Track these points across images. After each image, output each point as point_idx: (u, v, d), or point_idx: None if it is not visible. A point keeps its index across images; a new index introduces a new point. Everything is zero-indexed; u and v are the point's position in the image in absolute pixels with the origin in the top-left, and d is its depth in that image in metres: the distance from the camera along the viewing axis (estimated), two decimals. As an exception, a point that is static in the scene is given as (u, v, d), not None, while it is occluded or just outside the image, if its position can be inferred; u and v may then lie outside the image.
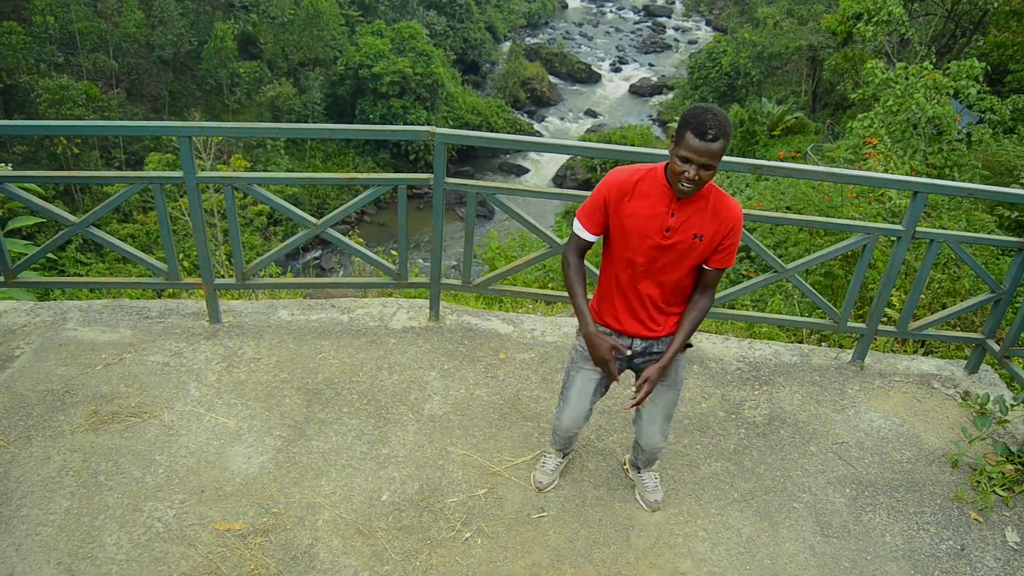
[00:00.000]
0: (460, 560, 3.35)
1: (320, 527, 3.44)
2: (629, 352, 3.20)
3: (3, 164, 5.29)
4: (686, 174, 2.72)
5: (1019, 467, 4.04)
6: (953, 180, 8.67)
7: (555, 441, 3.67)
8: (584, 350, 3.26)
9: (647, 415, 3.35)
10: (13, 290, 4.92)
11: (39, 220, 5.38)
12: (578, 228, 3.07)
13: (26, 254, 4.60)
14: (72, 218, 4.36)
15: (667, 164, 2.86)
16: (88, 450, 3.73)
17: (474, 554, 3.39)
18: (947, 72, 11.57)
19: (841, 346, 5.54)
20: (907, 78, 11.52)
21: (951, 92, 11.36)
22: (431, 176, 4.40)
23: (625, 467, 3.87)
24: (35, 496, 3.47)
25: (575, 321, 3.38)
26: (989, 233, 7.44)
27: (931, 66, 11.79)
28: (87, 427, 3.86)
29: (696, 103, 2.80)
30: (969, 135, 11.58)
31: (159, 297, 6.74)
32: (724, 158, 4.36)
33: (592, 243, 3.11)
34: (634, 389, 3.07)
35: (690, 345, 3.27)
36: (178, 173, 4.27)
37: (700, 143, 2.66)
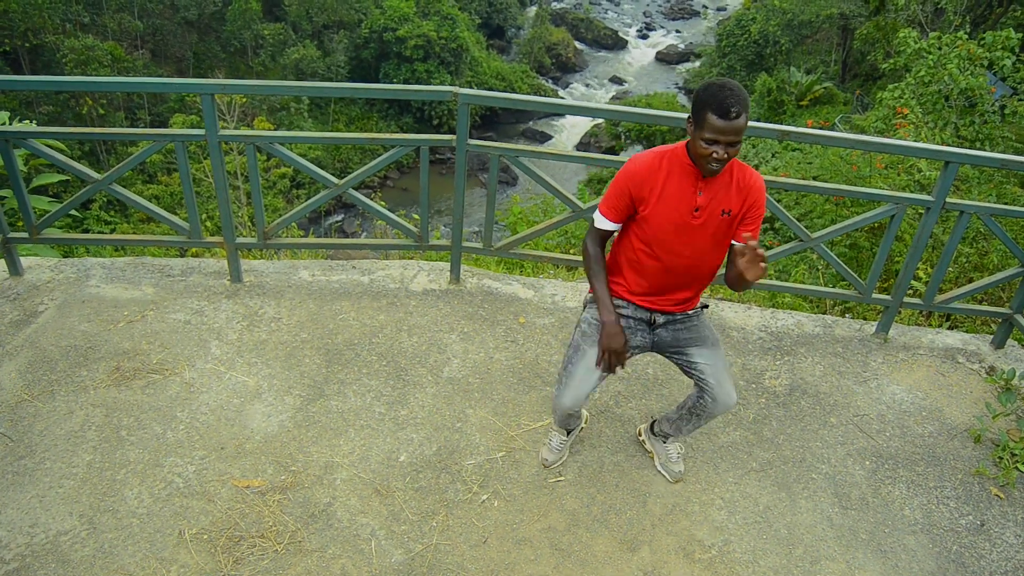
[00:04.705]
0: (476, 522, 3.37)
1: (338, 486, 3.47)
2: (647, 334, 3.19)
3: (28, 122, 5.32)
4: (715, 155, 2.68)
5: (1043, 443, 3.99)
6: (985, 153, 8.51)
7: (555, 419, 3.51)
8: (598, 322, 3.18)
9: (714, 378, 3.16)
10: (38, 247, 4.96)
11: (63, 178, 5.41)
12: (601, 221, 3.03)
13: (50, 211, 4.63)
14: (95, 175, 4.37)
15: (687, 143, 2.81)
16: (110, 405, 3.77)
17: (491, 516, 3.40)
18: (982, 42, 11.27)
19: (865, 318, 5.48)
20: (940, 48, 11.24)
21: (985, 63, 11.09)
22: (454, 138, 4.37)
23: (641, 438, 3.81)
24: (58, 449, 3.52)
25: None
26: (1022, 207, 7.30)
27: (966, 36, 11.48)
28: (109, 383, 3.90)
29: (709, 80, 2.73)
30: (1003, 107, 11.33)
31: (182, 256, 6.78)
32: (752, 124, 4.31)
33: (613, 232, 3.08)
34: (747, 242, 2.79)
35: (705, 306, 3.24)
36: (200, 131, 4.26)
37: (725, 123, 2.61)
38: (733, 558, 3.33)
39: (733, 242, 2.95)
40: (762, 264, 2.73)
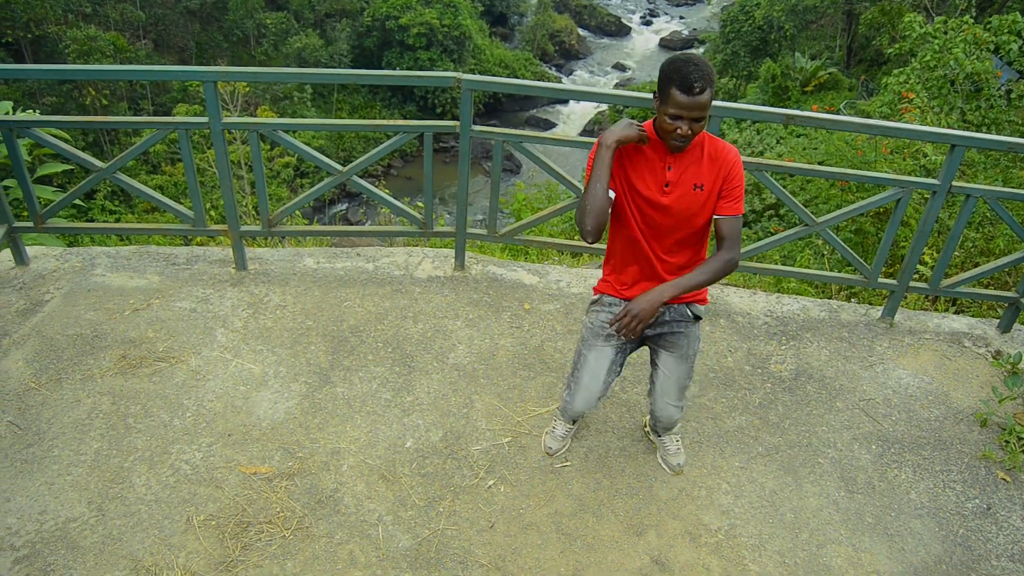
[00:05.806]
0: (483, 507, 3.38)
1: (345, 472, 3.48)
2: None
3: (32, 111, 5.32)
4: (678, 131, 2.66)
5: (1050, 427, 3.99)
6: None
7: (564, 415, 3.56)
8: (595, 327, 3.19)
9: (660, 388, 3.26)
10: (43, 236, 4.97)
11: (68, 168, 5.41)
12: None
13: (55, 200, 4.63)
14: (99, 163, 4.37)
15: (655, 119, 2.78)
16: (117, 393, 3.78)
17: (497, 501, 3.41)
18: (988, 27, 11.20)
19: (870, 303, 5.47)
20: (946, 33, 11.17)
21: (991, 47, 11.01)
22: (457, 124, 4.35)
23: (646, 429, 3.82)
24: (66, 437, 3.53)
25: (600, 273, 3.31)
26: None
27: (971, 20, 11.39)
28: (116, 371, 3.91)
29: (674, 55, 2.71)
30: (1009, 92, 11.26)
31: (186, 244, 6.79)
32: (757, 107, 4.29)
33: (611, 201, 2.88)
34: (615, 316, 2.95)
35: (699, 317, 3.17)
36: (203, 119, 4.25)
37: (688, 98, 2.59)
38: (739, 542, 3.33)
39: (715, 215, 2.91)
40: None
